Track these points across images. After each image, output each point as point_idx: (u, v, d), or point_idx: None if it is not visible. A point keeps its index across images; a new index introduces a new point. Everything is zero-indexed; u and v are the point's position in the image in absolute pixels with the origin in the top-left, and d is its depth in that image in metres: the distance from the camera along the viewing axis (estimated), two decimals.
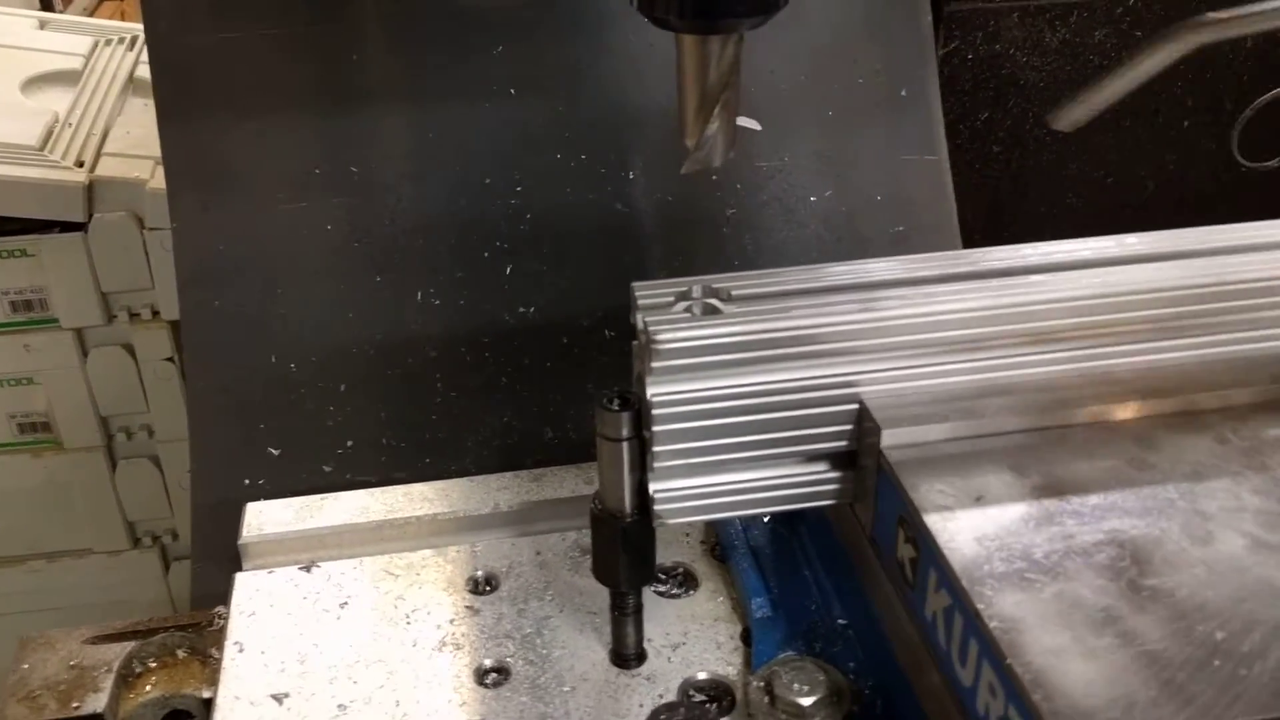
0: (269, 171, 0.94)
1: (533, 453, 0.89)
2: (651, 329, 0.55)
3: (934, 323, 0.57)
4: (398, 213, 0.94)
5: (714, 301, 0.57)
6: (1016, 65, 1.20)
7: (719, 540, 0.74)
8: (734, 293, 0.58)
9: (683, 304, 0.57)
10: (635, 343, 0.59)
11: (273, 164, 0.94)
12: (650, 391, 0.55)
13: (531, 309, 0.93)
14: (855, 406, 0.56)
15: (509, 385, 0.92)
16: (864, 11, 0.98)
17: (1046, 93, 1.21)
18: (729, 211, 0.96)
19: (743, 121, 0.96)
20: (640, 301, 0.58)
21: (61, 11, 3.99)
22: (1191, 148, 1.31)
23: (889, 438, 0.54)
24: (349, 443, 0.91)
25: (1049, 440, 0.55)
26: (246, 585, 0.74)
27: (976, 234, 1.02)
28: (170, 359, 1.41)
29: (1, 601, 1.52)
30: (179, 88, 0.95)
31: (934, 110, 1.00)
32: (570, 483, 0.80)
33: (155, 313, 1.38)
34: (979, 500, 0.51)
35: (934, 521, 0.50)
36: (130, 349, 1.40)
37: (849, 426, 0.57)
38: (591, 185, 0.95)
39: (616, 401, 0.57)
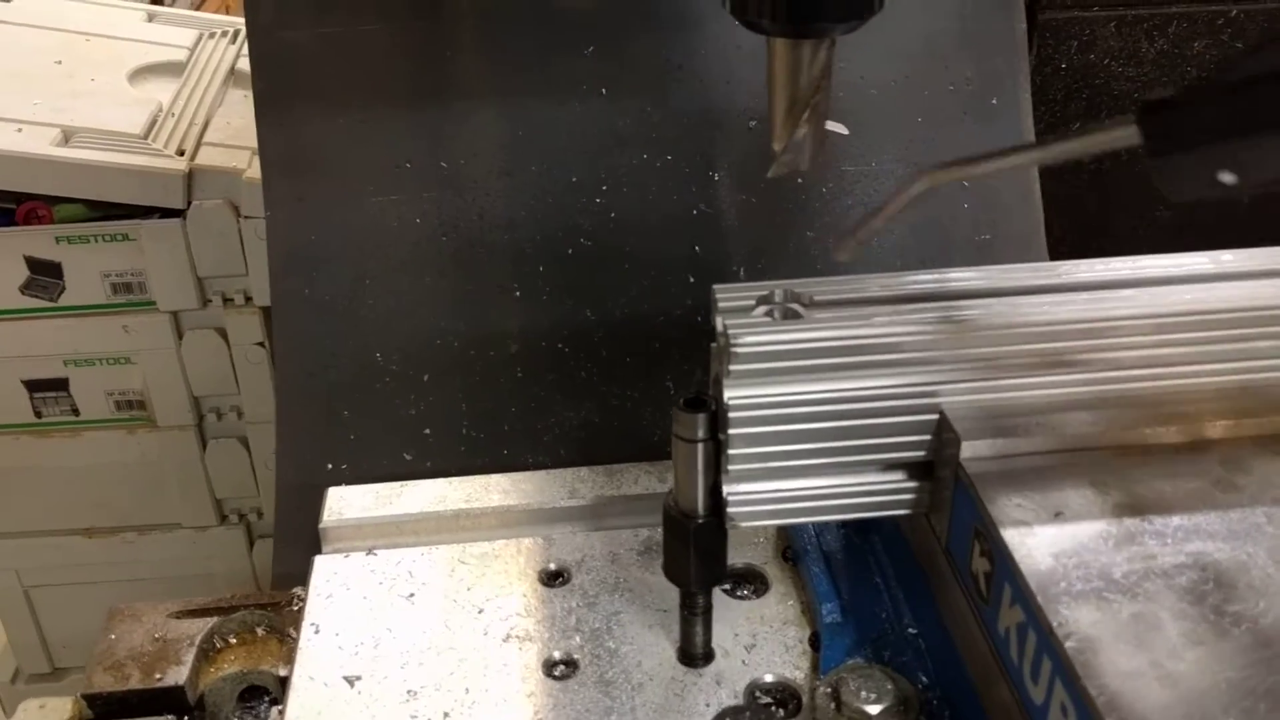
0: (361, 164, 0.96)
1: (609, 448, 0.90)
2: (731, 332, 0.55)
3: (1018, 334, 0.56)
4: (485, 208, 0.96)
5: (795, 306, 0.57)
6: (1111, 75, 1.17)
7: (791, 543, 0.74)
8: (815, 298, 0.58)
9: (763, 308, 0.58)
10: (714, 345, 0.59)
11: (365, 157, 0.97)
12: (727, 394, 0.55)
13: (613, 306, 0.94)
14: (935, 417, 0.56)
15: (588, 381, 0.93)
16: (957, 18, 0.97)
17: None
18: (813, 215, 0.95)
19: (830, 125, 0.95)
20: (720, 304, 0.58)
21: (170, 5, 4.12)
22: None
23: (968, 449, 0.54)
24: (428, 431, 0.93)
25: (1132, 458, 0.54)
26: (324, 568, 0.76)
27: (1064, 245, 1.00)
28: (261, 343, 1.44)
29: (95, 570, 1.57)
30: (277, 80, 0.98)
31: (1025, 119, 0.98)
32: (645, 480, 0.81)
33: (248, 298, 1.42)
34: (1058, 516, 0.51)
35: (1011, 536, 0.50)
36: (223, 332, 1.43)
37: (927, 436, 0.56)
38: (677, 186, 0.95)
39: (693, 402, 0.58)
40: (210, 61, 1.64)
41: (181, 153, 1.39)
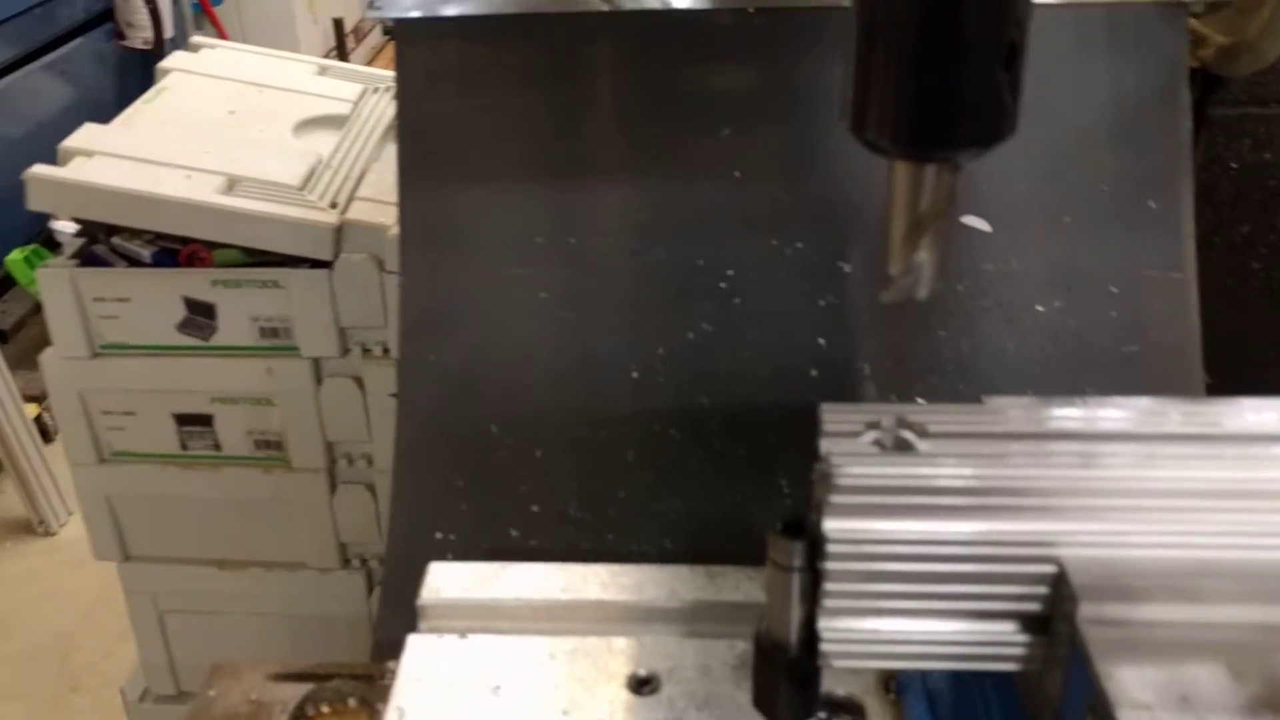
0: (495, 236, 0.97)
1: (717, 543, 0.87)
2: (834, 460, 0.52)
3: (1156, 489, 0.51)
4: (609, 287, 0.95)
5: (907, 435, 0.54)
6: None
7: (895, 674, 0.70)
8: (930, 428, 0.54)
9: (872, 434, 0.54)
10: (818, 466, 0.56)
11: (499, 229, 0.97)
12: (826, 526, 0.52)
13: (730, 396, 0.92)
14: (1052, 569, 0.52)
15: (699, 470, 0.91)
16: (1115, 113, 0.92)
17: None
18: (946, 315, 0.91)
19: (971, 220, 0.92)
20: (827, 427, 0.55)
21: (351, 53, 4.31)
22: None
23: (1088, 611, 0.49)
24: (536, 509, 0.92)
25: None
26: (416, 648, 0.75)
27: (1226, 356, 0.93)
28: (394, 395, 1.47)
29: (224, 601, 1.62)
30: (420, 149, 1.00)
31: (1185, 224, 0.92)
32: (746, 587, 0.78)
33: (385, 350, 1.45)
34: (1184, 701, 0.46)
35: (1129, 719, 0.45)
36: (359, 381, 1.47)
37: (1043, 589, 0.52)
38: (805, 274, 0.93)
39: (791, 527, 0.55)
40: (371, 115, 1.70)
41: (334, 205, 1.43)
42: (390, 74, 1.93)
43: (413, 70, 1.00)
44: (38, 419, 2.77)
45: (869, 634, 0.54)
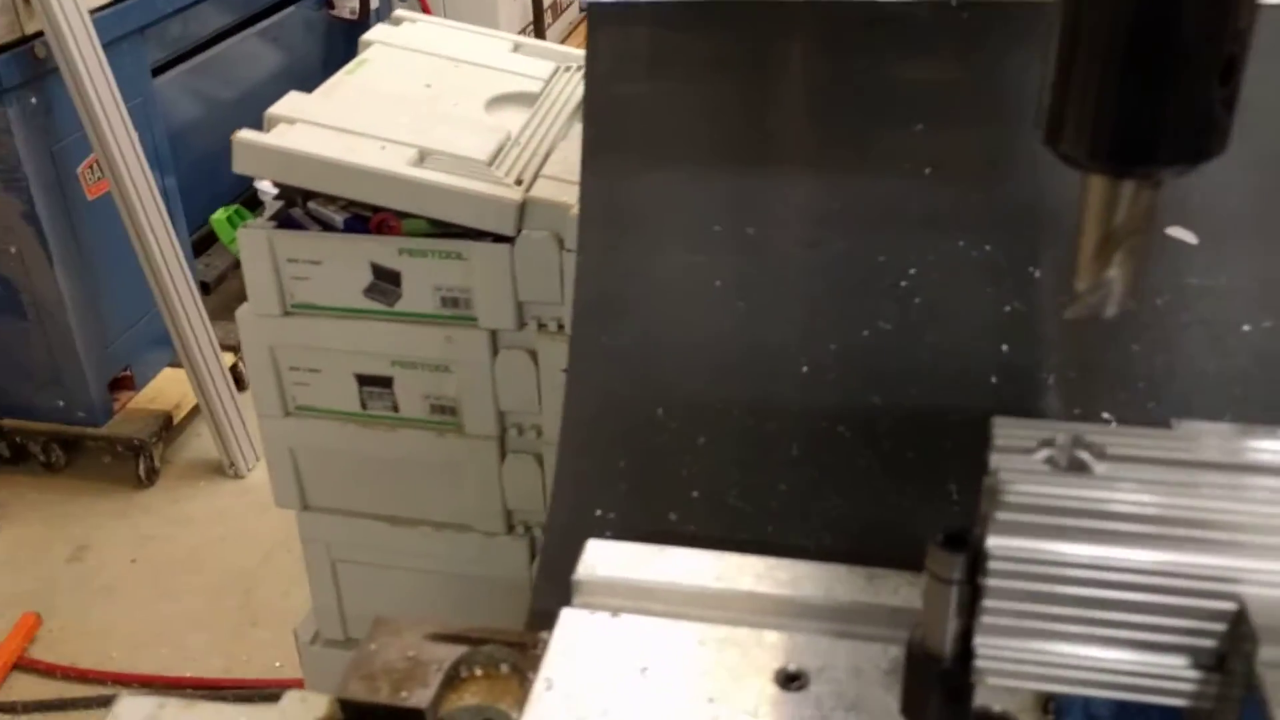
0: (673, 222, 0.98)
1: (878, 545, 0.86)
2: (1003, 475, 0.50)
3: None
4: (784, 279, 0.94)
5: (1083, 455, 0.52)
6: None
7: (1055, 695, 0.67)
8: (1109, 450, 0.52)
9: (1045, 451, 0.52)
10: (986, 479, 0.55)
11: (678, 215, 0.98)
12: (990, 542, 0.51)
13: (903, 397, 0.90)
14: (1233, 606, 0.49)
15: (865, 469, 0.90)
16: None
17: None
18: (1141, 329, 0.87)
19: (1175, 232, 0.87)
20: (998, 441, 0.54)
21: (548, 28, 4.40)
22: None
23: (1269, 654, 0.47)
24: (696, 494, 0.92)
25: None
26: (568, 622, 0.77)
27: None
28: (566, 370, 1.50)
29: (393, 555, 1.69)
30: (606, 130, 1.01)
31: None
32: (905, 592, 0.76)
33: (560, 326, 1.48)
34: None
35: None
36: (534, 355, 1.50)
37: (1220, 626, 0.49)
38: (991, 278, 0.90)
39: (952, 539, 0.53)
40: (562, 94, 1.73)
41: (520, 182, 1.47)
42: (582, 53, 1.96)
43: (603, 52, 1.01)
44: (233, 368, 2.95)
45: (1027, 654, 0.52)
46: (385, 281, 1.49)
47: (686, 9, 0.98)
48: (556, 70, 1.79)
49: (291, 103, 1.55)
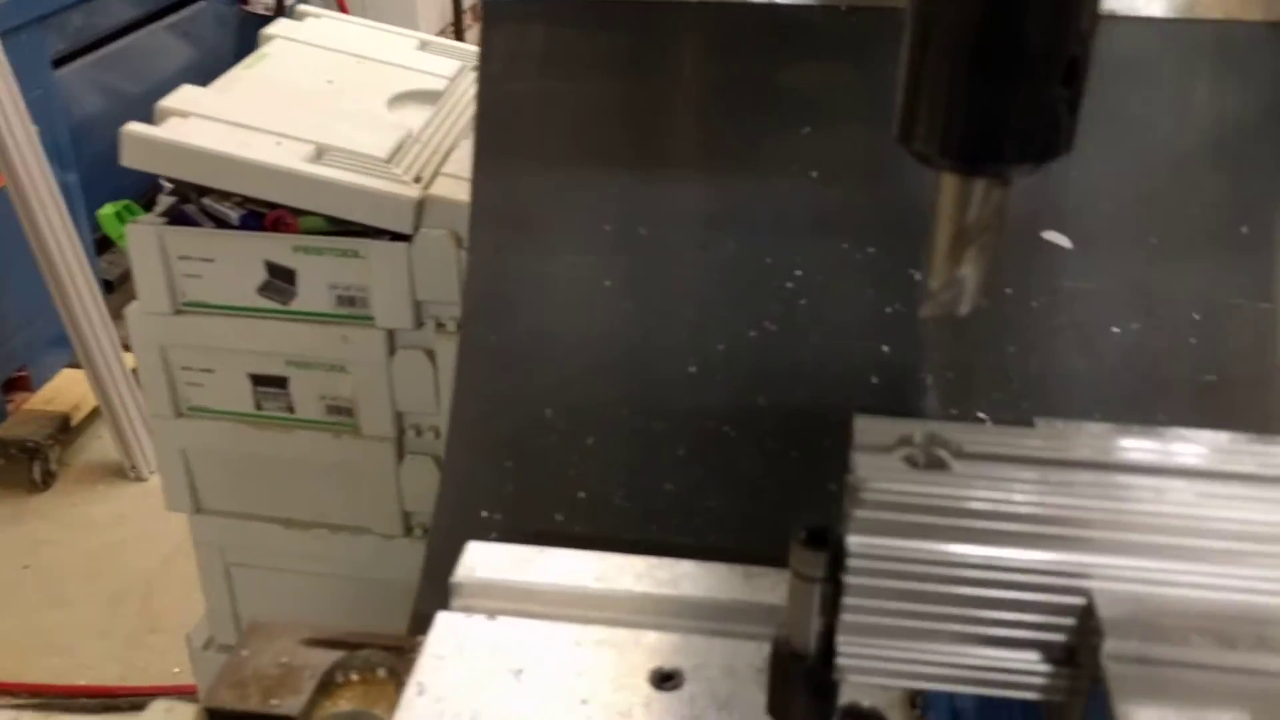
0: (564, 222, 0.97)
1: (762, 543, 0.86)
2: (861, 473, 0.51)
3: (1200, 528, 0.49)
4: (674, 279, 0.94)
5: (941, 453, 0.52)
6: None
7: (922, 690, 0.68)
8: (965, 447, 0.52)
9: (904, 449, 0.53)
10: (847, 477, 0.55)
11: (569, 215, 0.97)
12: (850, 540, 0.51)
13: (787, 397, 0.91)
14: (1081, 601, 0.50)
15: (750, 469, 0.90)
16: (1215, 136, 0.88)
17: None
18: (1017, 331, 0.88)
19: (1051, 236, 0.89)
20: (858, 438, 0.54)
21: (467, 30, 4.34)
22: None
23: (1113, 647, 0.47)
24: (582, 495, 0.92)
25: None
26: (444, 626, 0.75)
27: None
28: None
29: (288, 559, 1.66)
30: (498, 128, 1.00)
31: (1278, 254, 0.88)
32: (782, 589, 0.76)
33: (459, 325, 1.46)
34: None
35: None
36: (431, 354, 1.48)
37: (1070, 620, 0.50)
38: (873, 280, 0.91)
39: (815, 537, 0.54)
40: (466, 93, 1.71)
41: (419, 180, 1.45)
42: None
43: (496, 50, 1.00)
44: (135, 369, 2.87)
45: (887, 651, 0.53)
46: (280, 279, 1.46)
47: (580, 8, 0.98)
48: (462, 69, 1.78)
49: (185, 96, 1.51)
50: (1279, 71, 0.88)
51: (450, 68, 1.77)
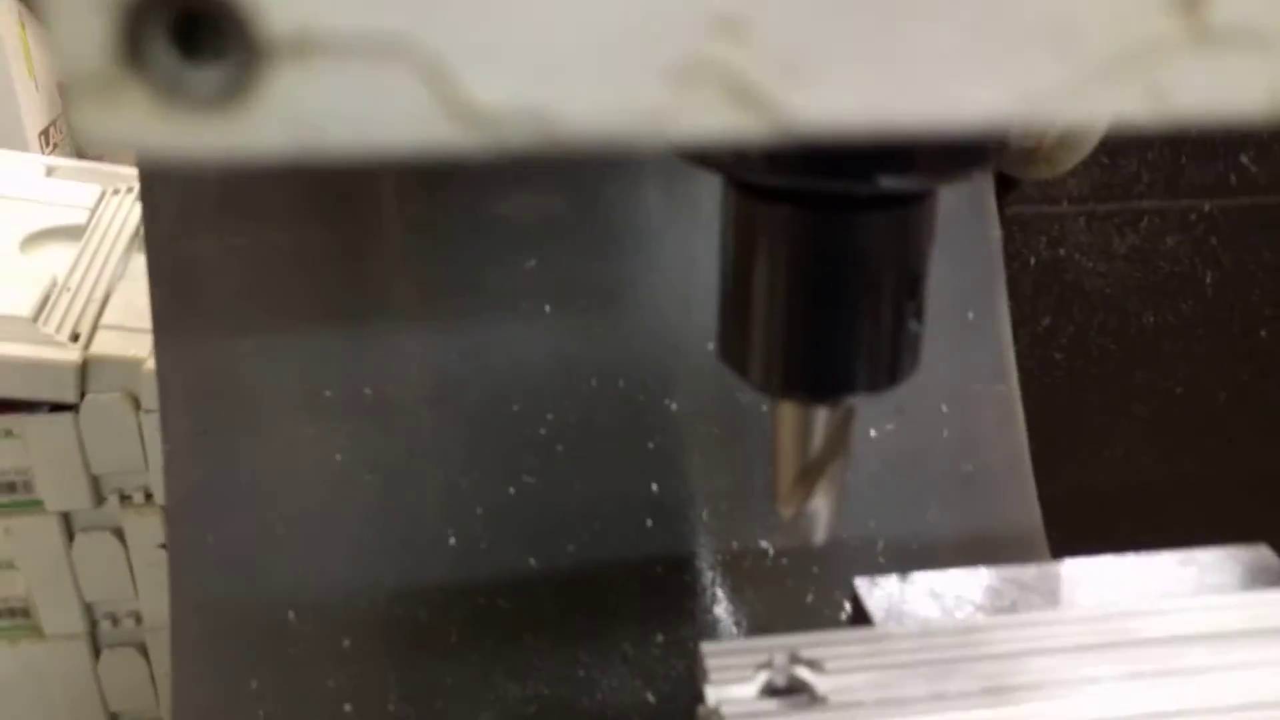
0: (274, 392, 0.85)
1: None
2: (725, 716, 0.45)
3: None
4: (414, 442, 0.85)
5: (804, 675, 0.47)
6: (1082, 271, 1.12)
7: None
8: (827, 664, 0.48)
9: (763, 675, 0.47)
10: (701, 710, 0.49)
11: (278, 384, 0.85)
12: None
13: (560, 556, 0.84)
14: None
15: (534, 644, 0.82)
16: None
17: (1113, 299, 1.14)
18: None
19: None
20: (711, 673, 0.48)
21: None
22: (1269, 358, 1.23)
23: None
24: (349, 708, 0.80)
25: None
26: None
27: (1037, 442, 0.92)
28: (163, 545, 1.31)
29: None
30: (177, 294, 0.87)
31: (1004, 333, 0.91)
32: None
33: (149, 495, 1.29)
34: None
35: None
36: (120, 533, 1.30)
37: None
38: (630, 415, 0.86)
39: None
40: (113, 223, 1.53)
41: (76, 337, 1.27)
42: (133, 171, 1.75)
43: (162, 207, 0.87)
44: None
45: None
46: None
47: None
48: (103, 195, 1.58)
49: None
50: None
51: (89, 195, 1.57)
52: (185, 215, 0.86)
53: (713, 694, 0.47)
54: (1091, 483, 1.18)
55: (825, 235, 0.37)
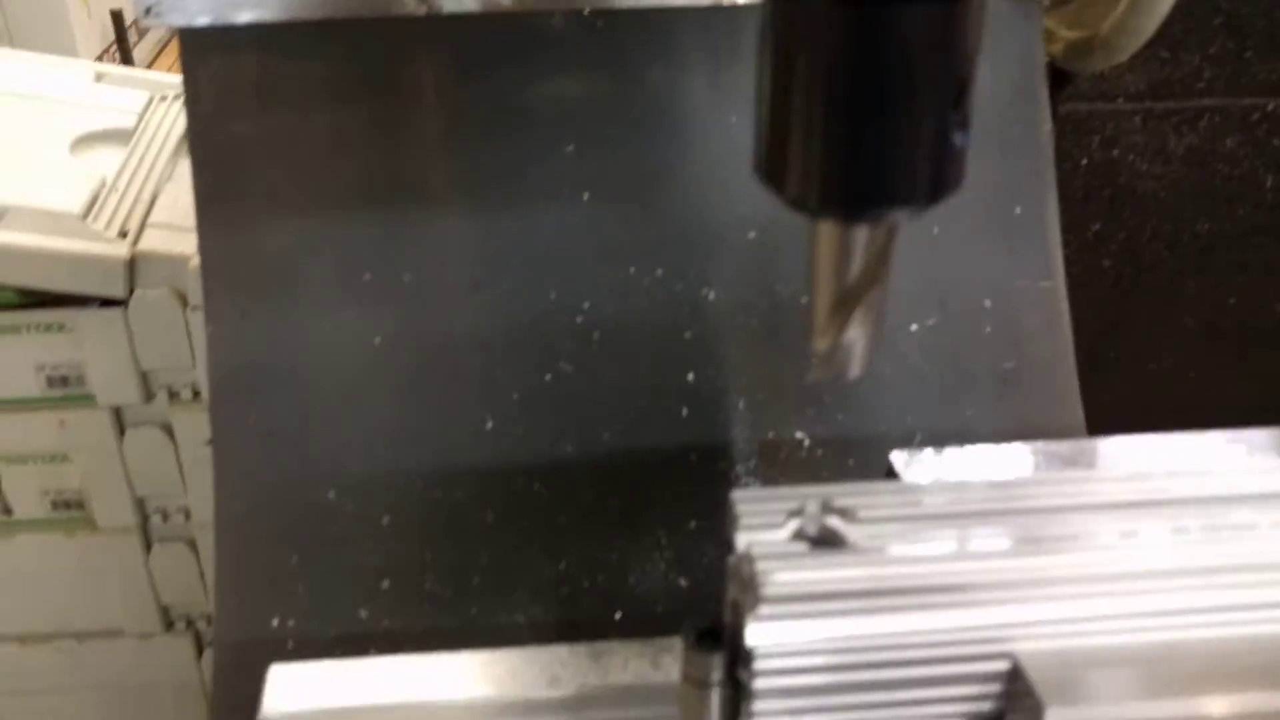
0: (315, 276, 0.86)
1: (591, 609, 0.80)
2: (760, 566, 0.45)
3: (1118, 572, 0.46)
4: (452, 327, 0.85)
5: (835, 523, 0.47)
6: (1135, 173, 1.09)
7: None
8: (861, 513, 0.47)
9: (794, 522, 0.47)
10: (731, 560, 0.49)
11: (319, 268, 0.86)
12: (754, 640, 0.45)
13: (595, 442, 0.84)
14: (1005, 665, 0.46)
15: (567, 527, 0.83)
16: (978, 120, 0.88)
17: (1167, 203, 1.10)
18: None
19: None
20: (742, 520, 0.48)
21: (134, 47, 3.96)
22: None
23: (1055, 716, 0.44)
24: (386, 584, 0.82)
25: None
26: None
27: (1080, 354, 0.91)
28: (210, 444, 1.33)
29: (32, 679, 1.45)
30: (220, 177, 0.87)
31: (1051, 230, 0.89)
32: (635, 665, 0.70)
33: (196, 393, 1.31)
34: None
35: None
36: (169, 429, 1.32)
37: (996, 687, 0.46)
38: (667, 303, 0.85)
39: (705, 636, 0.47)
40: (160, 128, 1.53)
41: (124, 234, 1.28)
42: (177, 78, 1.75)
43: (204, 87, 0.87)
44: None
45: None
46: None
47: (296, 31, 0.86)
48: (150, 101, 1.59)
49: None
50: (1026, 48, 0.89)
51: (137, 100, 1.58)
52: (229, 92, 0.86)
53: (743, 538, 0.47)
54: (1136, 397, 1.15)
55: (865, 31, 0.36)
